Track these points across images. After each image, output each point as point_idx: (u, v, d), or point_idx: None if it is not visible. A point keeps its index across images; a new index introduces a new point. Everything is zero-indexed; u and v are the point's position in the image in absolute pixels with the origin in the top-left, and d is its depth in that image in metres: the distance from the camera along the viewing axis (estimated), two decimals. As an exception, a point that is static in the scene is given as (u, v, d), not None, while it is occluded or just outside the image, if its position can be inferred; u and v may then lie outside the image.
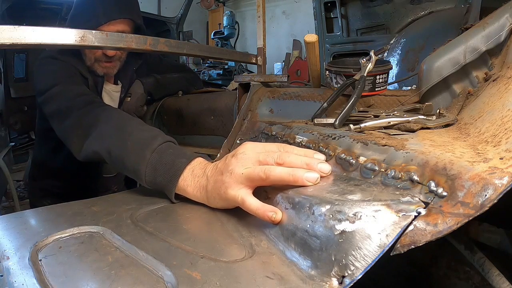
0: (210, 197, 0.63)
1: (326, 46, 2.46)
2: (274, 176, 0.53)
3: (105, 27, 1.20)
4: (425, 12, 1.97)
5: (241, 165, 0.57)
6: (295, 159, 0.55)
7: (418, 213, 0.39)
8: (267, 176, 0.54)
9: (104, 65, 1.29)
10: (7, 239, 0.53)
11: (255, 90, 1.04)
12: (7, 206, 2.28)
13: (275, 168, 0.54)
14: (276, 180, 0.54)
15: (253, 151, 0.59)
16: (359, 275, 0.38)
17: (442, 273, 0.62)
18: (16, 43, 0.62)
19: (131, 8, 1.28)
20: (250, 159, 0.58)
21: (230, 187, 0.58)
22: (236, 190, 0.57)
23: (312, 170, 0.54)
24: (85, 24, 1.18)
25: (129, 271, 0.45)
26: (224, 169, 0.60)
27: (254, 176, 0.55)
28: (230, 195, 0.58)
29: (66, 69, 1.21)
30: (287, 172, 0.53)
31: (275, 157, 0.56)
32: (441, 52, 0.75)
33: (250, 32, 6.21)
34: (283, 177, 0.53)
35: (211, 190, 0.62)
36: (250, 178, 0.56)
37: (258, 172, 0.55)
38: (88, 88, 1.26)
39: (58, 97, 1.09)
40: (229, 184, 0.58)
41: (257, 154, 0.58)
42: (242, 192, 0.56)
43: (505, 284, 0.40)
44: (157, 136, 0.75)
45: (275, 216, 0.51)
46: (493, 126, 0.47)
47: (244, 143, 0.62)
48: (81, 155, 0.94)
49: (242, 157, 0.58)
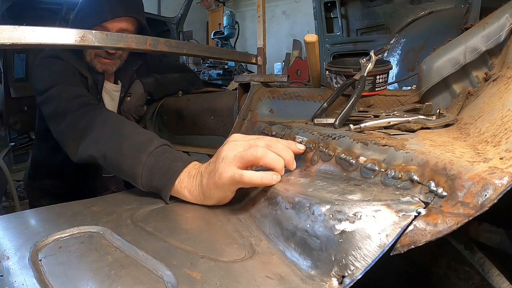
0: (205, 191, 0.63)
1: (326, 46, 2.46)
2: (268, 158, 0.57)
3: (109, 24, 1.21)
4: (425, 12, 1.97)
5: (232, 149, 0.60)
6: (282, 149, 0.60)
7: (418, 213, 0.39)
8: (262, 156, 0.57)
9: (103, 61, 1.29)
10: (7, 239, 0.53)
11: (255, 90, 1.04)
12: (7, 206, 2.28)
13: (270, 152, 0.58)
14: (268, 162, 0.57)
15: (242, 139, 0.62)
16: (359, 275, 0.38)
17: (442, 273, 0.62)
18: (16, 43, 0.62)
19: (137, 8, 1.30)
20: (240, 144, 0.61)
21: (224, 171, 0.59)
22: (231, 171, 0.58)
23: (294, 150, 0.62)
24: (90, 19, 1.20)
25: (129, 271, 0.45)
26: (216, 159, 0.62)
27: (248, 155, 0.57)
28: (225, 178, 0.59)
29: (65, 69, 1.21)
30: (278, 159, 0.58)
31: (265, 140, 0.60)
32: (441, 52, 0.75)
33: (250, 32, 6.21)
34: (275, 162, 0.57)
35: (206, 183, 0.63)
36: (243, 158, 0.58)
37: (251, 151, 0.57)
38: (88, 88, 1.26)
39: (55, 98, 1.09)
40: (223, 168, 0.59)
41: (246, 140, 0.61)
42: (237, 170, 0.58)
43: (505, 284, 0.40)
44: (153, 140, 0.76)
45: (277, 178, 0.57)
46: (493, 126, 0.47)
47: (232, 135, 0.64)
48: (76, 158, 0.94)
49: (232, 144, 0.61)
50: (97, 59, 1.28)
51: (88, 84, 1.28)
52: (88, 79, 1.28)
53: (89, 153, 0.87)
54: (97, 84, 1.32)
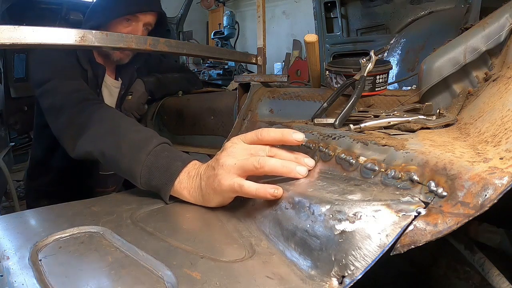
0: (204, 194, 0.63)
1: (326, 46, 2.46)
2: (268, 166, 0.56)
3: (142, 15, 1.25)
4: (425, 12, 1.97)
5: (232, 157, 0.59)
6: (285, 153, 0.59)
7: (418, 213, 0.39)
8: (261, 165, 0.55)
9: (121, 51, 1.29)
10: (7, 239, 0.53)
11: (255, 90, 1.04)
12: (7, 206, 2.28)
13: (270, 159, 0.57)
14: (269, 170, 0.56)
15: (241, 144, 0.61)
16: (359, 275, 0.38)
17: (442, 273, 0.62)
18: (16, 43, 0.62)
19: (158, 2, 1.34)
20: (240, 152, 0.60)
21: (223, 179, 0.58)
22: (230, 179, 0.58)
23: (301, 164, 0.58)
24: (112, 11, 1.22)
25: (129, 271, 0.45)
26: (216, 164, 0.61)
27: (248, 165, 0.57)
28: (224, 186, 0.58)
29: (65, 60, 1.19)
30: (281, 164, 0.56)
31: (267, 150, 0.59)
32: (441, 52, 0.75)
33: (250, 32, 6.21)
34: (277, 168, 0.56)
35: (205, 187, 0.63)
36: (243, 168, 0.57)
37: (252, 161, 0.56)
38: (87, 80, 1.25)
39: (53, 92, 1.08)
40: (222, 176, 0.59)
41: (247, 147, 0.60)
42: (237, 179, 0.57)
43: (505, 284, 0.40)
44: (152, 138, 0.75)
45: (277, 192, 0.53)
46: (493, 126, 0.47)
47: (232, 139, 0.63)
48: (74, 154, 0.93)
49: (232, 150, 0.60)
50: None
51: (88, 77, 1.26)
52: (88, 72, 1.27)
53: (87, 150, 0.87)
54: (97, 77, 1.31)
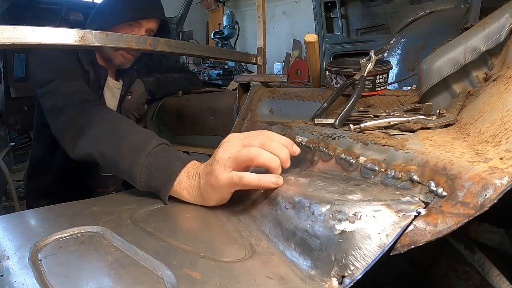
0: (203, 192, 0.63)
1: (326, 46, 2.46)
2: (262, 158, 0.56)
3: (145, 21, 1.26)
4: (425, 12, 1.97)
5: (226, 151, 0.59)
6: (277, 148, 0.58)
7: (418, 213, 0.39)
8: (255, 156, 0.56)
9: (125, 55, 1.30)
10: (7, 239, 0.53)
11: (255, 90, 1.04)
12: (7, 206, 2.28)
13: (264, 151, 0.56)
14: (263, 162, 0.56)
15: (236, 138, 0.61)
16: (359, 275, 0.38)
17: (442, 273, 0.62)
18: (16, 43, 0.62)
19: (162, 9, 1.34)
20: (234, 145, 0.60)
21: (220, 173, 0.58)
22: (227, 173, 0.58)
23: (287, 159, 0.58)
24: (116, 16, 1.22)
25: (129, 271, 0.45)
26: (213, 161, 0.61)
27: (241, 156, 0.57)
28: (221, 181, 0.58)
29: (66, 61, 1.19)
30: (273, 158, 0.56)
31: (260, 139, 0.58)
32: (441, 52, 0.75)
33: (250, 32, 6.20)
34: (270, 162, 0.56)
35: (203, 185, 0.63)
36: (238, 159, 0.57)
37: (245, 152, 0.56)
38: (89, 82, 1.25)
39: (55, 93, 1.08)
40: (218, 171, 0.59)
41: (240, 139, 0.60)
42: (234, 172, 0.57)
43: (505, 284, 0.40)
44: (151, 139, 0.75)
45: (279, 180, 0.54)
46: (493, 126, 0.47)
47: (228, 136, 0.63)
48: (74, 155, 0.94)
49: (226, 145, 0.61)
50: (119, 52, 1.29)
51: (90, 79, 1.27)
52: (90, 74, 1.27)
53: (87, 151, 0.87)
54: (99, 79, 1.31)
